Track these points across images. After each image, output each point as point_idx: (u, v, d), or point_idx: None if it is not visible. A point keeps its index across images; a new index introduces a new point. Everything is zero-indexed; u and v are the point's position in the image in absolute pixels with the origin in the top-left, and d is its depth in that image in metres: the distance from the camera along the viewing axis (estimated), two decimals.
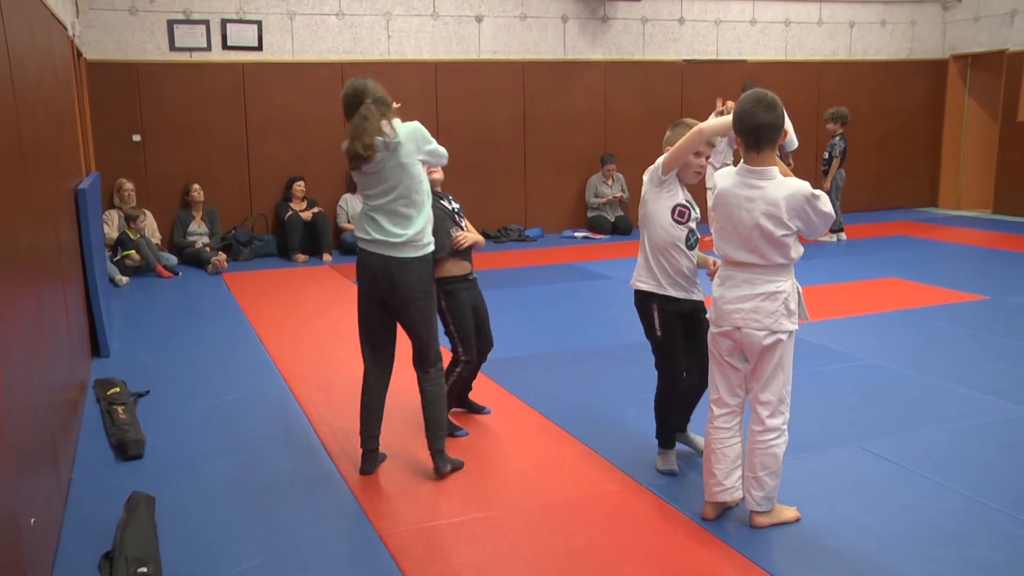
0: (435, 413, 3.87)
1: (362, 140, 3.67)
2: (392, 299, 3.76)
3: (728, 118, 3.36)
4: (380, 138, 3.66)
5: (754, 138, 3.19)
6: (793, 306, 3.24)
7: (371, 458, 3.97)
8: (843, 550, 3.18)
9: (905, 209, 13.31)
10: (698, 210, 3.75)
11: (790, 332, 3.25)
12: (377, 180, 3.73)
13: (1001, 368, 5.31)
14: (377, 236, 3.73)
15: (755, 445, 3.32)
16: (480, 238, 4.35)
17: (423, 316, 3.80)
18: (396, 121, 3.75)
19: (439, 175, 4.27)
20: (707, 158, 3.71)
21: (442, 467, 3.87)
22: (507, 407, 4.81)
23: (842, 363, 5.47)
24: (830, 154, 10.43)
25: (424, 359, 3.86)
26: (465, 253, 4.39)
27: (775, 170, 3.21)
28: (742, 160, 3.29)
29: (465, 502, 3.64)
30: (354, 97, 3.82)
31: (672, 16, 11.82)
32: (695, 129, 3.50)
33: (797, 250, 3.23)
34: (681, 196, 3.68)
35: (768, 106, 3.17)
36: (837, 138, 10.39)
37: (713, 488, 3.41)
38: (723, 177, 3.35)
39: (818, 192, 3.18)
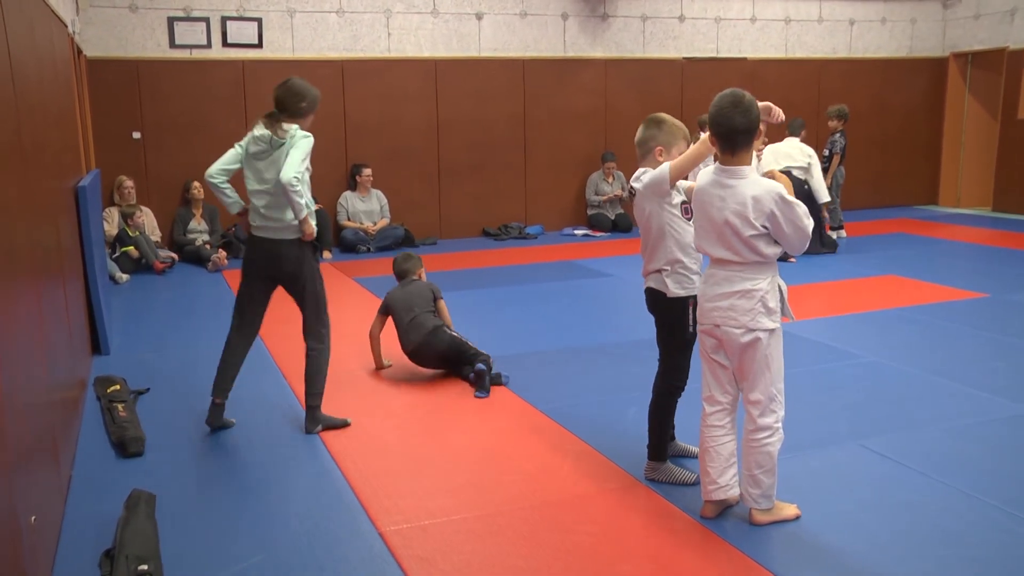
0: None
1: None
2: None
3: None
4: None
5: (729, 141, 3.21)
6: (772, 304, 3.24)
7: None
8: (842, 548, 3.19)
9: (905, 207, 13.31)
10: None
11: (770, 330, 3.24)
12: None
13: (1001, 366, 5.32)
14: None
15: (749, 443, 3.33)
16: None
17: None
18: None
19: None
20: None
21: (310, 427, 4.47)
22: (506, 404, 4.82)
23: (842, 361, 5.48)
24: (830, 151, 10.41)
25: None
26: None
27: (748, 170, 3.22)
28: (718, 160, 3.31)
29: (465, 500, 3.65)
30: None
31: (672, 14, 11.82)
32: (705, 142, 3.41)
33: (772, 248, 3.22)
34: (680, 194, 3.66)
35: (744, 111, 3.18)
36: (838, 135, 10.38)
37: (708, 487, 3.41)
38: (702, 175, 3.36)
39: (794, 200, 3.16)
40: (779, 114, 3.48)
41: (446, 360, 5.29)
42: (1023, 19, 12.09)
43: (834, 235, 10.37)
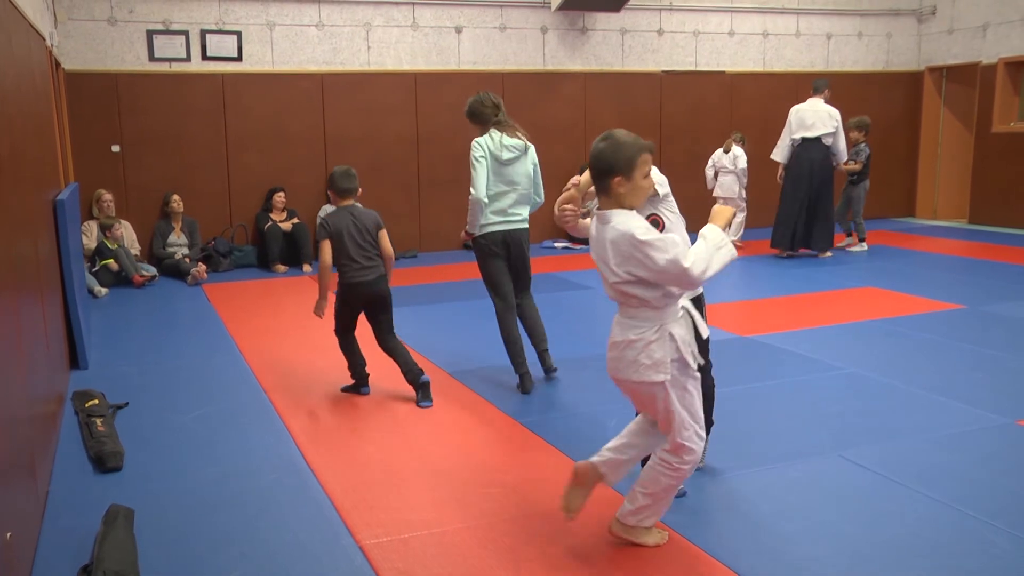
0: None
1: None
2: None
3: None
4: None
5: (594, 181, 3.14)
6: (659, 355, 3.04)
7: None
8: (823, 559, 3.19)
9: (883, 219, 13.41)
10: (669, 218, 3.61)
11: (660, 383, 3.07)
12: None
13: (979, 377, 5.36)
14: None
15: (652, 460, 3.27)
16: None
17: None
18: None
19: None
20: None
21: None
22: (487, 417, 4.81)
23: (822, 372, 5.50)
24: (857, 160, 10.48)
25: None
26: None
27: (614, 213, 3.04)
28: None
29: (445, 512, 3.64)
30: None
31: (651, 27, 11.89)
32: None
33: (651, 292, 3.02)
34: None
35: (597, 154, 3.05)
36: (863, 145, 10.48)
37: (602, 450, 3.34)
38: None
39: (651, 238, 2.92)
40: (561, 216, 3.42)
41: (369, 305, 5.14)
42: (995, 34, 12.24)
43: (857, 248, 10.45)
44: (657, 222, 3.54)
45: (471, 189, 5.42)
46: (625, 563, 3.21)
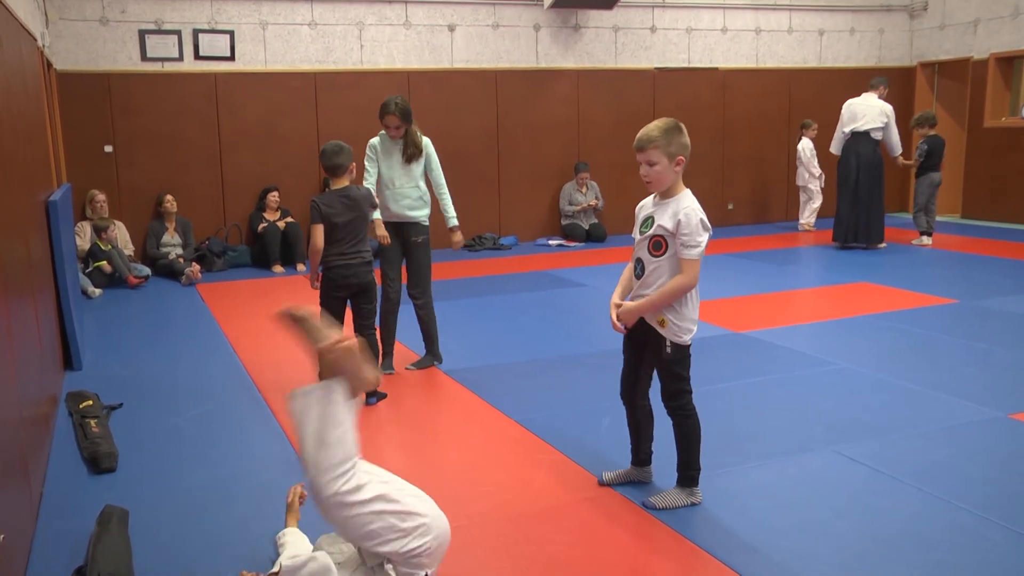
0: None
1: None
2: None
3: None
4: None
5: None
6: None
7: None
8: (817, 555, 3.20)
9: None
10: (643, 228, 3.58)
11: None
12: None
13: (971, 371, 5.37)
14: None
15: None
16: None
17: None
18: None
19: None
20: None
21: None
22: (481, 415, 4.82)
23: (815, 368, 5.52)
24: (918, 156, 10.53)
25: None
26: None
27: None
28: None
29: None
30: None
31: (644, 25, 11.89)
32: None
33: None
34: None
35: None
36: (922, 141, 10.52)
37: None
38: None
39: None
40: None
41: (355, 294, 5.09)
42: (985, 30, 12.26)
43: (924, 240, 10.48)
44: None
45: (444, 183, 6.25)
46: (620, 561, 3.22)
